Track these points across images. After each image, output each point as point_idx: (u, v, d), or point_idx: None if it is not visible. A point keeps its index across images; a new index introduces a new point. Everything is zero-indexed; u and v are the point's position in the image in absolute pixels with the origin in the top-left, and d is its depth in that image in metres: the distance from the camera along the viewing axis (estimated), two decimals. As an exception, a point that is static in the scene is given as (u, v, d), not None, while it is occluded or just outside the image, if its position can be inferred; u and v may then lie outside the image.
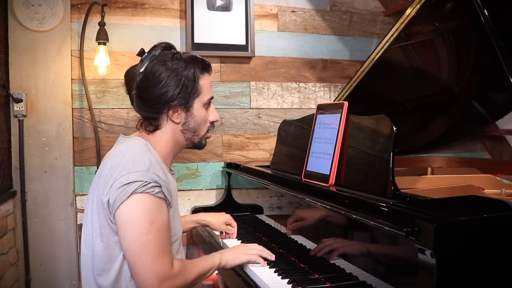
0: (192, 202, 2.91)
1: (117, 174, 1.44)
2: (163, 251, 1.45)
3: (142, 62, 1.57)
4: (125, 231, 1.43)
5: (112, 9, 2.76)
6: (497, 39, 1.91)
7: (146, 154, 1.51)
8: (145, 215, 1.42)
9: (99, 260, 1.48)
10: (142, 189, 1.42)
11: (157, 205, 1.45)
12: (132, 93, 1.57)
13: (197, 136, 1.66)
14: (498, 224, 1.16)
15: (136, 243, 1.42)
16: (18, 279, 2.57)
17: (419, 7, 2.06)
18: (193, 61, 1.58)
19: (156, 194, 1.44)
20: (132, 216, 1.43)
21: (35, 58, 2.60)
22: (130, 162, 1.46)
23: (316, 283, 1.53)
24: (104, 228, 1.47)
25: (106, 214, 1.46)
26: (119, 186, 1.42)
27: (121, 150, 1.53)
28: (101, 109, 2.77)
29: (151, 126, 1.59)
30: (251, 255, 1.69)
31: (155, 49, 1.58)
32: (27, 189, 2.59)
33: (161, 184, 1.46)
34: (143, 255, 1.42)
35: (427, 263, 1.09)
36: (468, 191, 1.76)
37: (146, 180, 1.43)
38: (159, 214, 1.45)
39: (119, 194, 1.42)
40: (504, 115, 2.56)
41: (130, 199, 1.42)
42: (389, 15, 3.27)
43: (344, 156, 1.74)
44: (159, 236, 1.44)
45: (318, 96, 3.17)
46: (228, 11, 2.93)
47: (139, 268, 1.43)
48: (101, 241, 1.48)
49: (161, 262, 1.43)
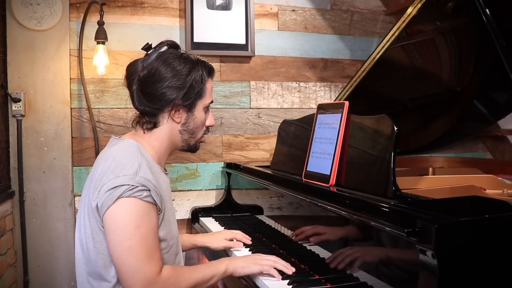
0: (192, 202, 2.89)
1: (105, 178, 1.42)
2: (149, 256, 1.40)
3: (147, 57, 1.55)
4: (110, 235, 1.41)
5: (111, 8, 2.75)
6: (499, 38, 1.90)
7: (136, 157, 1.48)
8: (131, 220, 1.39)
9: (94, 265, 1.46)
10: (128, 193, 1.39)
11: (144, 209, 1.42)
12: (133, 87, 1.55)
13: (194, 139, 1.65)
14: (500, 225, 1.15)
15: (120, 248, 1.39)
16: (16, 280, 2.56)
17: (421, 6, 2.05)
18: (201, 63, 1.59)
19: (143, 198, 1.41)
20: (117, 220, 1.40)
21: (33, 57, 2.59)
22: (119, 166, 1.44)
23: (317, 284, 1.52)
24: (96, 233, 1.45)
25: (97, 219, 1.44)
26: (106, 190, 1.40)
27: (112, 153, 1.51)
28: (100, 109, 2.76)
29: (149, 123, 1.56)
30: (263, 266, 1.59)
31: (162, 46, 1.57)
32: (26, 190, 2.58)
33: (150, 188, 1.43)
34: (127, 260, 1.39)
35: (429, 264, 1.08)
36: (469, 192, 1.75)
37: (133, 184, 1.40)
38: (146, 219, 1.42)
39: (105, 198, 1.40)
40: (506, 115, 2.56)
41: (117, 203, 1.39)
42: (390, 14, 3.26)
43: (344, 156, 1.74)
44: (144, 241, 1.40)
45: (319, 95, 3.16)
46: (228, 10, 2.92)
47: (124, 274, 1.40)
48: (94, 246, 1.46)
49: (147, 268, 1.39)
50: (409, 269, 1.22)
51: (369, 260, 1.46)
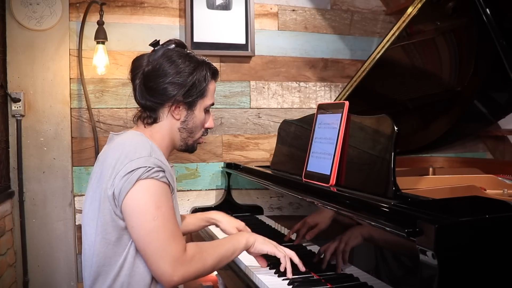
0: (192, 202, 2.89)
1: (119, 165, 1.43)
2: (173, 236, 1.41)
3: (154, 52, 1.58)
4: (132, 219, 1.41)
5: (111, 8, 2.75)
6: (499, 38, 1.90)
7: (146, 141, 1.51)
8: (151, 201, 1.41)
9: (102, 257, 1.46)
10: (146, 175, 1.40)
11: (162, 190, 1.44)
12: (137, 81, 1.57)
13: (192, 138, 1.65)
14: (500, 225, 1.15)
15: (145, 231, 1.40)
16: (16, 280, 2.55)
17: (421, 6, 2.05)
18: (206, 64, 1.61)
19: (160, 178, 1.43)
20: (138, 203, 1.41)
21: (33, 57, 2.59)
22: (131, 150, 1.45)
23: (317, 284, 1.52)
24: (107, 224, 1.45)
25: (112, 209, 1.44)
26: (123, 175, 1.41)
27: (119, 143, 1.52)
28: (100, 109, 2.76)
29: (150, 118, 1.58)
30: (279, 251, 1.60)
31: (169, 43, 1.60)
32: (25, 190, 2.58)
33: (165, 169, 1.45)
34: (153, 242, 1.40)
35: (429, 264, 1.08)
36: (470, 192, 1.75)
37: (149, 165, 1.41)
38: (165, 199, 1.43)
39: (124, 183, 1.40)
40: (506, 115, 2.55)
41: (136, 186, 1.40)
42: (390, 14, 3.26)
43: (345, 156, 1.73)
44: (166, 221, 1.41)
45: (319, 95, 3.16)
46: (228, 10, 2.91)
47: (151, 256, 1.40)
48: (104, 237, 1.46)
49: (172, 247, 1.40)
50: (409, 269, 1.22)
51: (369, 261, 1.46)
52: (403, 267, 1.27)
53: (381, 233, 1.33)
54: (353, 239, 1.54)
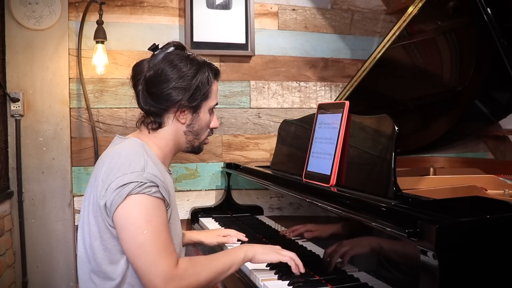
0: (191, 203, 2.88)
1: (112, 176, 1.42)
2: (164, 250, 1.41)
3: (154, 57, 1.56)
4: (123, 232, 1.41)
5: (110, 7, 2.74)
6: (500, 37, 1.90)
7: (142, 154, 1.48)
8: (141, 214, 1.40)
9: (100, 263, 1.46)
10: (137, 190, 1.40)
11: (154, 204, 1.42)
12: (139, 87, 1.55)
13: (198, 140, 1.66)
14: (501, 225, 1.15)
15: (134, 244, 1.40)
16: (15, 280, 2.55)
17: (421, 6, 2.05)
18: (207, 65, 1.60)
19: (152, 194, 1.42)
20: (127, 216, 1.40)
21: (32, 57, 2.58)
22: (125, 163, 1.44)
23: (317, 285, 1.51)
24: (103, 231, 1.45)
25: (104, 218, 1.44)
26: (114, 188, 1.40)
27: (117, 151, 1.51)
28: (99, 109, 2.75)
29: (155, 123, 1.57)
30: (283, 256, 1.59)
31: (168, 47, 1.58)
32: (24, 190, 2.57)
33: (158, 184, 1.44)
34: (142, 256, 1.39)
35: (430, 264, 1.08)
36: (470, 192, 1.75)
37: (141, 180, 1.41)
38: (156, 213, 1.42)
39: (115, 196, 1.40)
40: (507, 114, 2.54)
41: (126, 200, 1.39)
42: (391, 13, 3.25)
43: (345, 156, 1.73)
44: (157, 235, 1.40)
45: (319, 95, 3.15)
46: (227, 9, 2.91)
47: (141, 270, 1.40)
48: (101, 243, 1.46)
49: (163, 262, 1.39)
50: (410, 270, 1.21)
51: (369, 261, 1.45)
52: (404, 267, 1.26)
53: (382, 233, 1.33)
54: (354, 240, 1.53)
